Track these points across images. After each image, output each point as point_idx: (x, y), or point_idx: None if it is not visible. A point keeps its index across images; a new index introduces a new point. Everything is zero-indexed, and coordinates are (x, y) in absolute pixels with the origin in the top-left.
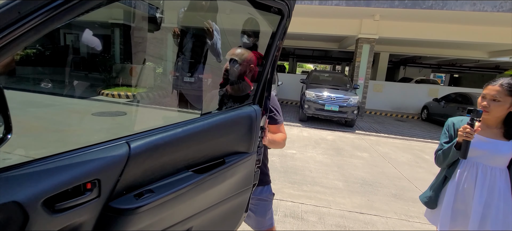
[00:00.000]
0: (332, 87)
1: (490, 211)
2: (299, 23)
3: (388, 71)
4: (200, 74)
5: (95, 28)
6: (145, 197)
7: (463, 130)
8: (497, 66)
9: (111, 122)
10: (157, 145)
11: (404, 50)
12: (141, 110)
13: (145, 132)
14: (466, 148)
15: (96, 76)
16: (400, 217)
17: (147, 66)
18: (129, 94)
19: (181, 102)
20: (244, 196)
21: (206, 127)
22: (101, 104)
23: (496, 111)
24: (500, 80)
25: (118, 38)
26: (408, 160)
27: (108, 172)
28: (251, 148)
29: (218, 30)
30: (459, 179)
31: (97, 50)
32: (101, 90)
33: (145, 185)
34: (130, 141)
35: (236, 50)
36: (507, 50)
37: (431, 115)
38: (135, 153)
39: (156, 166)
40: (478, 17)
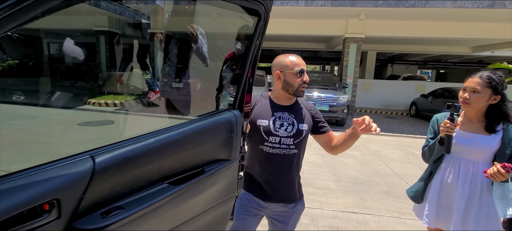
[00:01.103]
0: (321, 87)
1: (473, 206)
2: (286, 24)
3: (376, 69)
4: (187, 79)
5: (79, 36)
6: (114, 215)
7: (444, 125)
8: (481, 60)
9: (98, 131)
10: (127, 158)
11: (390, 48)
12: (129, 118)
13: (114, 144)
14: (449, 143)
15: (82, 85)
16: (392, 214)
17: (134, 73)
18: (116, 102)
19: (168, 108)
20: (228, 205)
21: (182, 135)
22: (87, 114)
23: (476, 103)
24: (480, 72)
25: (104, 45)
26: (398, 157)
27: (69, 190)
28: (232, 155)
29: (203, 34)
30: (443, 174)
31: (80, 59)
32: (88, 99)
33: (115, 202)
34: (95, 155)
35: (300, 58)
36: (489, 45)
37: (419, 111)
38: (100, 168)
39: (127, 180)
40: (460, 13)
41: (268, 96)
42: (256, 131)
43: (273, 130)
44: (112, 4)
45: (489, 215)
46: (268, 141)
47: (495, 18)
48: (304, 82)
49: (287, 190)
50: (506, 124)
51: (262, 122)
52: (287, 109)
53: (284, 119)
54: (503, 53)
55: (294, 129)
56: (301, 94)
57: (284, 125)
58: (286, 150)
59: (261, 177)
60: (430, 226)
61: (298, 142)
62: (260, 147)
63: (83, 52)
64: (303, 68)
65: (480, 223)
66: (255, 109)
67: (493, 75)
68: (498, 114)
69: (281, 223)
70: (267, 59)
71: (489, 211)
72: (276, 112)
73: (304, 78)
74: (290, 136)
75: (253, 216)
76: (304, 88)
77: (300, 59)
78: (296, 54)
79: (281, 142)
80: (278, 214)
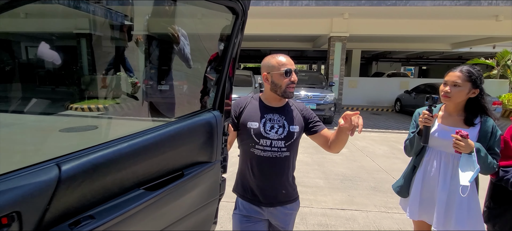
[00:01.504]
0: (308, 86)
1: (455, 198)
2: (272, 24)
3: (361, 67)
4: (170, 81)
5: (59, 40)
6: (83, 225)
7: (422, 116)
8: (460, 56)
9: (80, 137)
10: (97, 164)
11: (374, 46)
12: (114, 122)
13: (83, 151)
14: (427, 134)
15: (64, 90)
16: (380, 209)
17: (118, 76)
18: (100, 107)
19: (152, 111)
20: (210, 209)
21: (158, 138)
22: (70, 119)
23: (457, 97)
24: (460, 67)
25: (85, 48)
26: (385, 152)
27: (31, 201)
28: (213, 157)
29: (185, 36)
30: (425, 168)
31: (57, 64)
32: (70, 104)
33: (85, 211)
34: (61, 162)
35: (288, 58)
36: (467, 41)
37: (404, 106)
38: (67, 176)
39: (98, 188)
40: (439, 11)
41: (259, 97)
42: (246, 134)
43: (263, 132)
44: (92, 5)
45: (471, 208)
46: (259, 144)
47: (472, 15)
48: (292, 82)
49: (282, 193)
50: (483, 117)
51: (253, 124)
52: (277, 110)
53: (275, 121)
54: (481, 49)
55: (285, 132)
56: (289, 95)
57: (274, 128)
58: (277, 153)
59: (254, 181)
60: (413, 218)
61: (290, 144)
62: (251, 150)
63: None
64: (291, 68)
65: (462, 215)
66: (245, 112)
67: (473, 69)
68: (476, 108)
69: (282, 226)
70: (255, 59)
71: (470, 203)
72: (267, 114)
73: (292, 78)
74: (281, 139)
75: (258, 222)
76: (293, 89)
77: (288, 59)
78: (284, 54)
79: (272, 145)
80: (278, 217)
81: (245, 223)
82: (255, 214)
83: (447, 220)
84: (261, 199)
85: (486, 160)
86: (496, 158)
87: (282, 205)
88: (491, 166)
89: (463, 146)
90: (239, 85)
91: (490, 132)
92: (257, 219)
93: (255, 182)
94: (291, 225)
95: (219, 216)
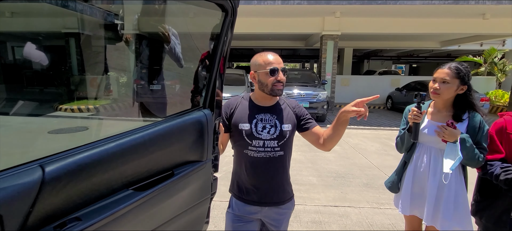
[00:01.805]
0: (301, 85)
1: (443, 193)
2: (265, 23)
3: (353, 65)
4: (161, 81)
5: (46, 39)
6: (69, 227)
7: (411, 113)
8: (449, 54)
9: (70, 139)
10: (83, 165)
11: (366, 44)
12: (105, 123)
13: (68, 151)
14: (416, 130)
15: (52, 91)
16: (372, 205)
17: (109, 76)
18: (90, 107)
19: (143, 111)
20: (202, 208)
21: (147, 138)
22: (59, 121)
23: (446, 93)
24: (449, 64)
25: (74, 48)
26: (377, 149)
27: (13, 204)
28: (204, 156)
29: (176, 35)
30: (415, 164)
31: (44, 64)
32: (59, 105)
33: (71, 213)
34: (45, 163)
35: (276, 56)
36: (455, 39)
37: (395, 104)
38: (51, 178)
39: (84, 189)
40: (428, 10)
41: (249, 97)
42: (239, 136)
43: (255, 133)
44: (81, 4)
45: (458, 202)
46: (251, 145)
47: (460, 13)
48: (278, 81)
49: (277, 193)
50: (471, 112)
51: (244, 126)
52: (268, 110)
53: (266, 121)
54: (469, 47)
55: (277, 131)
56: (277, 93)
57: (266, 128)
58: (271, 153)
59: (248, 182)
60: (405, 213)
61: (283, 143)
62: (244, 151)
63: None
64: (277, 66)
65: (449, 209)
66: (236, 113)
67: (461, 66)
68: (464, 104)
69: (274, 226)
70: (247, 58)
71: (458, 198)
72: (258, 114)
73: (278, 77)
74: (273, 139)
75: (250, 222)
76: (280, 87)
77: (276, 57)
78: (273, 52)
79: (265, 146)
80: (272, 217)
81: (237, 223)
82: (248, 214)
83: (436, 214)
84: (256, 199)
85: (471, 151)
86: (483, 152)
87: (277, 205)
88: (478, 159)
89: (447, 133)
90: (232, 84)
91: (478, 127)
92: (248, 219)
93: (250, 183)
94: (285, 225)
95: (213, 216)
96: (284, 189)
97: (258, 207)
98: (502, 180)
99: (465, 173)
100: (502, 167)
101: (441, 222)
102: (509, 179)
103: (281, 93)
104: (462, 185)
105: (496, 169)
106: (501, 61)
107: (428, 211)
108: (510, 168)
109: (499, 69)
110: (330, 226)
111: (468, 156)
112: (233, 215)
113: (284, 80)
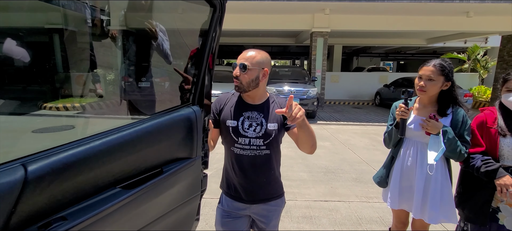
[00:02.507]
0: (291, 81)
1: (430, 185)
2: (255, 19)
3: (343, 62)
4: (150, 78)
5: (29, 35)
6: (54, 227)
7: (399, 109)
8: (435, 51)
9: (56, 138)
10: (68, 164)
11: (355, 41)
12: (92, 121)
13: (53, 149)
14: (403, 126)
15: (36, 89)
16: (361, 199)
17: (96, 73)
18: (76, 106)
19: (131, 109)
20: (192, 205)
21: (134, 135)
22: (44, 119)
23: (431, 90)
24: (433, 61)
25: (59, 44)
26: (365, 145)
27: None
28: (194, 153)
29: (164, 31)
30: (403, 158)
31: (25, 61)
32: (43, 103)
33: (56, 212)
34: (27, 162)
35: (248, 52)
36: (441, 37)
37: (383, 100)
38: (34, 177)
39: (69, 188)
40: (415, 7)
41: (239, 94)
42: (226, 132)
43: (241, 130)
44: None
45: (443, 194)
46: (238, 143)
47: (445, 11)
48: (235, 76)
49: (264, 190)
50: (455, 107)
51: (231, 123)
52: (256, 108)
53: (253, 119)
54: (454, 44)
55: (262, 130)
56: (235, 89)
57: (252, 126)
58: (256, 151)
59: (235, 179)
60: (394, 207)
61: (269, 142)
62: (231, 149)
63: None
64: (242, 62)
65: (436, 202)
66: (225, 109)
67: (444, 63)
68: (448, 99)
69: (264, 222)
70: (237, 55)
71: (443, 190)
72: (245, 111)
73: (234, 71)
74: (259, 137)
75: (238, 218)
76: (235, 83)
77: (246, 52)
78: (256, 49)
79: (251, 144)
80: (260, 214)
81: (225, 218)
82: (237, 210)
83: (424, 207)
84: (243, 197)
85: (453, 143)
86: (466, 145)
87: (264, 202)
88: (460, 152)
89: (430, 125)
90: (222, 81)
91: (461, 121)
92: (237, 215)
93: (237, 180)
94: (275, 222)
95: (204, 213)
96: (272, 187)
97: (246, 204)
98: (483, 172)
99: (449, 166)
100: (482, 160)
101: (428, 214)
102: (489, 171)
103: (237, 89)
104: (447, 178)
105: (477, 161)
106: (484, 58)
107: (416, 205)
108: (490, 161)
109: (481, 65)
110: (320, 221)
111: (451, 148)
112: (222, 211)
113: (238, 75)
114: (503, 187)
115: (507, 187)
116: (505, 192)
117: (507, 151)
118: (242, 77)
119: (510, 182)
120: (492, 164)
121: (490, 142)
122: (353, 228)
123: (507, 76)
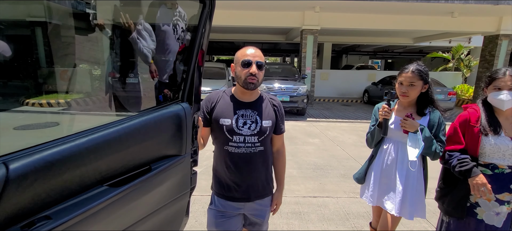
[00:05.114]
0: (282, 79)
1: (409, 182)
2: (245, 16)
3: (332, 60)
4: (137, 74)
5: (9, 28)
6: (38, 226)
7: (382, 110)
8: (421, 50)
9: (39, 135)
10: (52, 162)
11: (344, 39)
12: (77, 118)
13: (35, 147)
14: (386, 126)
15: (18, 84)
16: (349, 195)
17: (81, 68)
18: (61, 102)
19: (119, 106)
20: (181, 202)
21: (122, 132)
22: (26, 116)
23: (413, 94)
24: (410, 67)
25: (41, 38)
26: (354, 141)
27: None
28: (183, 150)
29: (149, 30)
30: (383, 157)
31: (7, 55)
32: (25, 99)
33: (40, 212)
34: (9, 161)
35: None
36: (427, 36)
37: (371, 97)
38: (16, 176)
39: (54, 187)
40: (402, 7)
41: (231, 92)
42: (219, 131)
43: (236, 129)
44: None
45: (418, 190)
46: (232, 141)
47: (431, 11)
48: (251, 74)
49: (258, 188)
50: (432, 109)
51: (225, 121)
52: (250, 105)
53: (247, 117)
54: (439, 44)
55: (257, 127)
56: (249, 87)
57: (247, 123)
58: (251, 149)
59: (229, 178)
60: (372, 204)
61: (263, 139)
62: (225, 147)
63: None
64: (251, 59)
65: (414, 198)
66: (217, 107)
67: (420, 67)
68: (426, 100)
69: (258, 218)
70: (228, 51)
71: (418, 187)
72: (239, 109)
73: (251, 69)
74: (254, 134)
75: (232, 217)
76: (252, 81)
77: (255, 51)
78: (255, 47)
79: (246, 141)
80: (254, 210)
81: (219, 218)
82: (231, 210)
83: (404, 205)
84: (237, 195)
85: (429, 141)
86: (441, 145)
87: (259, 199)
88: (435, 151)
89: (408, 124)
90: (212, 78)
91: (437, 122)
92: (231, 214)
93: (231, 178)
94: (268, 215)
95: (194, 210)
96: (267, 184)
97: (240, 203)
98: (457, 172)
99: (425, 164)
100: (459, 159)
101: (409, 211)
102: (462, 171)
103: (253, 86)
104: (422, 176)
105: (454, 160)
106: (467, 57)
107: (398, 202)
108: (466, 160)
109: (465, 65)
110: (309, 216)
111: (426, 145)
112: (215, 212)
113: (256, 73)
114: (476, 186)
115: (479, 186)
116: (477, 190)
117: (489, 148)
118: (259, 75)
119: (482, 181)
120: (466, 164)
121: (472, 140)
122: (341, 223)
123: (495, 75)
